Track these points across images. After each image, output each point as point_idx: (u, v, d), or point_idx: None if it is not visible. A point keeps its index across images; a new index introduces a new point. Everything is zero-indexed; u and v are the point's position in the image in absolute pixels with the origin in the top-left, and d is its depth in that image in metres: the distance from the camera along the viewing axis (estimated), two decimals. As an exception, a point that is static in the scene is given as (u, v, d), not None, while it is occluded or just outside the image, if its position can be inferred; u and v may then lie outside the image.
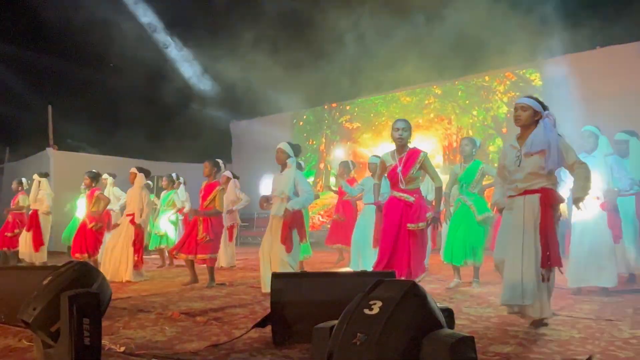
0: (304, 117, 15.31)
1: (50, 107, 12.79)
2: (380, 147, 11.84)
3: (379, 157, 7.10)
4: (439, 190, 4.60)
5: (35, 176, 8.60)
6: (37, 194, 8.50)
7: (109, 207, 7.83)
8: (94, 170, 7.44)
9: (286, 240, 5.13)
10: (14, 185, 8.95)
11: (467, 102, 12.00)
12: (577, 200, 3.50)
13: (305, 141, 14.49)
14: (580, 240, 4.82)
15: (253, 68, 12.71)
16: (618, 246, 4.93)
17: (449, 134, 12.30)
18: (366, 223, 6.36)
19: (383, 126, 12.98)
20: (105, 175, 8.62)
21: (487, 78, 11.69)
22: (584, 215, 4.62)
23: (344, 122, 14.49)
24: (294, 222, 5.17)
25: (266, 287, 5.20)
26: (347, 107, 14.46)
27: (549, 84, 9.53)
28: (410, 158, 4.51)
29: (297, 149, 5.40)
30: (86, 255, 6.88)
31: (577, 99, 9.31)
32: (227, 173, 8.42)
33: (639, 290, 4.75)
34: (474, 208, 5.42)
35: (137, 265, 6.51)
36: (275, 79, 12.15)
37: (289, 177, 5.20)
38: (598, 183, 4.64)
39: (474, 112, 11.94)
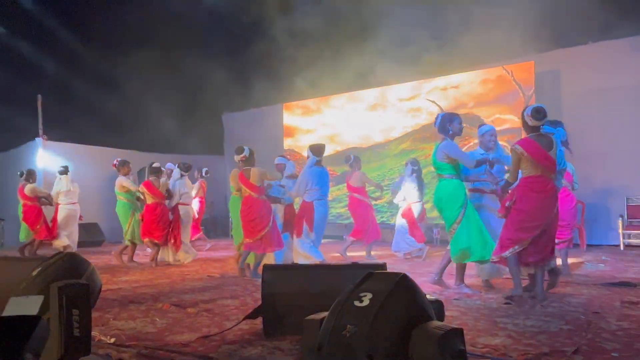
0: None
1: (39, 97, 12.62)
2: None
3: (283, 157, 7.33)
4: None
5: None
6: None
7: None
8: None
9: None
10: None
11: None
12: None
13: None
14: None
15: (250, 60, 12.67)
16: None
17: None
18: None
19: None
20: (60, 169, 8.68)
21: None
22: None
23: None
24: None
25: None
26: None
27: (540, 79, 9.54)
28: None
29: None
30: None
31: (569, 94, 9.36)
32: (170, 165, 8.50)
33: (626, 284, 4.80)
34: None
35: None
36: (269, 70, 12.08)
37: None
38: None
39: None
